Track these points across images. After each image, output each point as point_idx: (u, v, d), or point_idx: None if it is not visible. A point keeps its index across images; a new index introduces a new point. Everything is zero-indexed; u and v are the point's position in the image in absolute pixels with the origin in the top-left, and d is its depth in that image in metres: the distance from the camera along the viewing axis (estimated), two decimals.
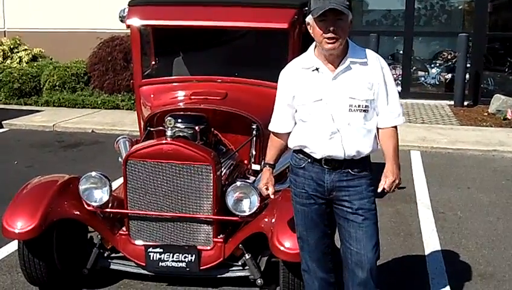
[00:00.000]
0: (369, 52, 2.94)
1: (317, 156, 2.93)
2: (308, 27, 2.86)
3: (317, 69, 2.88)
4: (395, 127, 2.99)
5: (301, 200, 3.06)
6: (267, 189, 3.16)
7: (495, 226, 5.28)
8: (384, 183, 2.95)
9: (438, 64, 12.32)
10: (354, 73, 2.86)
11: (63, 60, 11.48)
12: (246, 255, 3.69)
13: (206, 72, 4.84)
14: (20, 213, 3.64)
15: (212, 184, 3.65)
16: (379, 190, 2.97)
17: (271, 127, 3.14)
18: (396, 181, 2.96)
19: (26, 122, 9.50)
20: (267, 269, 3.73)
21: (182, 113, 4.20)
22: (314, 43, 2.92)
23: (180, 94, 4.71)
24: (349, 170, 2.92)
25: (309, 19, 2.82)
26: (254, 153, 4.34)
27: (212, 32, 5.01)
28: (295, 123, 3.03)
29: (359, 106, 2.85)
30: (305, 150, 2.97)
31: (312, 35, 2.85)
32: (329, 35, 2.75)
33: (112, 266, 3.88)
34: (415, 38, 11.88)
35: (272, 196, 3.20)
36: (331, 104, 2.85)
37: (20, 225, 3.58)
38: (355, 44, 2.94)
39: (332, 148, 2.88)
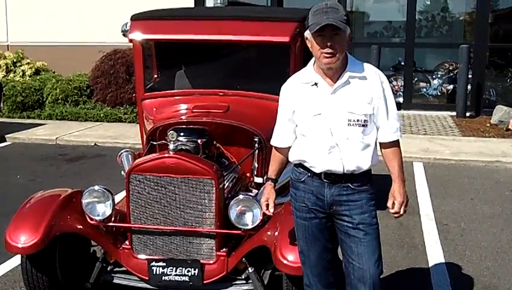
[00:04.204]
0: (368, 66, 2.95)
1: (317, 170, 2.93)
2: (307, 42, 2.88)
3: (316, 83, 2.90)
4: (398, 144, 2.99)
5: (301, 214, 3.05)
6: (267, 205, 3.16)
7: (499, 237, 5.26)
8: (393, 208, 2.95)
9: (439, 76, 12.35)
10: (352, 87, 2.87)
11: (65, 74, 11.54)
12: (249, 268, 3.67)
13: (208, 85, 4.85)
14: (23, 227, 3.64)
15: (214, 198, 3.64)
16: (391, 211, 2.97)
17: (272, 142, 3.16)
18: (405, 201, 2.96)
19: (29, 135, 9.52)
20: (271, 283, 3.71)
21: (184, 126, 4.20)
22: (313, 58, 2.93)
23: (183, 107, 4.72)
24: (349, 184, 2.92)
25: (307, 34, 2.84)
26: (256, 165, 4.33)
27: (214, 46, 5.02)
28: (296, 137, 3.04)
29: (358, 120, 2.86)
30: (305, 164, 2.97)
31: (310, 49, 2.87)
32: (327, 50, 2.76)
33: (115, 280, 3.86)
34: (416, 50, 11.91)
35: (271, 212, 3.19)
36: (329, 118, 2.86)
37: (23, 239, 3.58)
38: (354, 58, 2.95)
39: (331, 163, 2.88)
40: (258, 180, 4.25)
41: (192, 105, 4.64)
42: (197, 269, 3.66)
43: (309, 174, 2.97)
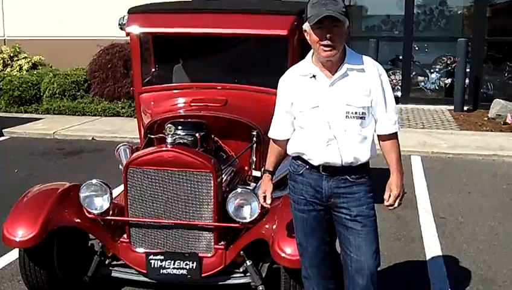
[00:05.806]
0: (366, 58, 2.95)
1: (315, 162, 2.93)
2: (305, 34, 2.88)
3: (314, 76, 2.89)
4: (396, 136, 3.00)
5: (300, 207, 3.06)
6: (264, 197, 3.16)
7: (496, 231, 5.28)
8: (388, 200, 2.96)
9: (437, 69, 12.33)
10: (351, 80, 2.87)
11: (63, 68, 11.49)
12: (247, 261, 3.68)
13: (206, 79, 4.85)
14: (21, 221, 3.64)
15: (212, 191, 3.65)
16: (385, 204, 2.98)
17: (270, 134, 3.16)
18: (401, 194, 2.97)
19: (26, 130, 9.50)
20: (269, 276, 3.72)
21: (182, 120, 4.21)
22: (312, 50, 2.93)
23: (180, 101, 4.72)
24: (347, 177, 2.93)
25: (306, 26, 2.84)
26: (254, 159, 4.34)
27: (212, 39, 5.02)
28: (294, 130, 3.04)
29: (356, 112, 2.86)
30: (303, 156, 2.97)
31: (309, 42, 2.86)
32: (326, 42, 2.76)
33: (113, 274, 3.87)
34: (414, 44, 11.89)
35: (268, 204, 3.19)
36: (327, 111, 2.86)
37: (21, 233, 3.58)
38: (352, 51, 2.94)
39: (329, 155, 2.89)
40: (256, 173, 4.25)
41: (190, 99, 4.64)
42: (195, 262, 3.67)
43: (307, 166, 2.97)
